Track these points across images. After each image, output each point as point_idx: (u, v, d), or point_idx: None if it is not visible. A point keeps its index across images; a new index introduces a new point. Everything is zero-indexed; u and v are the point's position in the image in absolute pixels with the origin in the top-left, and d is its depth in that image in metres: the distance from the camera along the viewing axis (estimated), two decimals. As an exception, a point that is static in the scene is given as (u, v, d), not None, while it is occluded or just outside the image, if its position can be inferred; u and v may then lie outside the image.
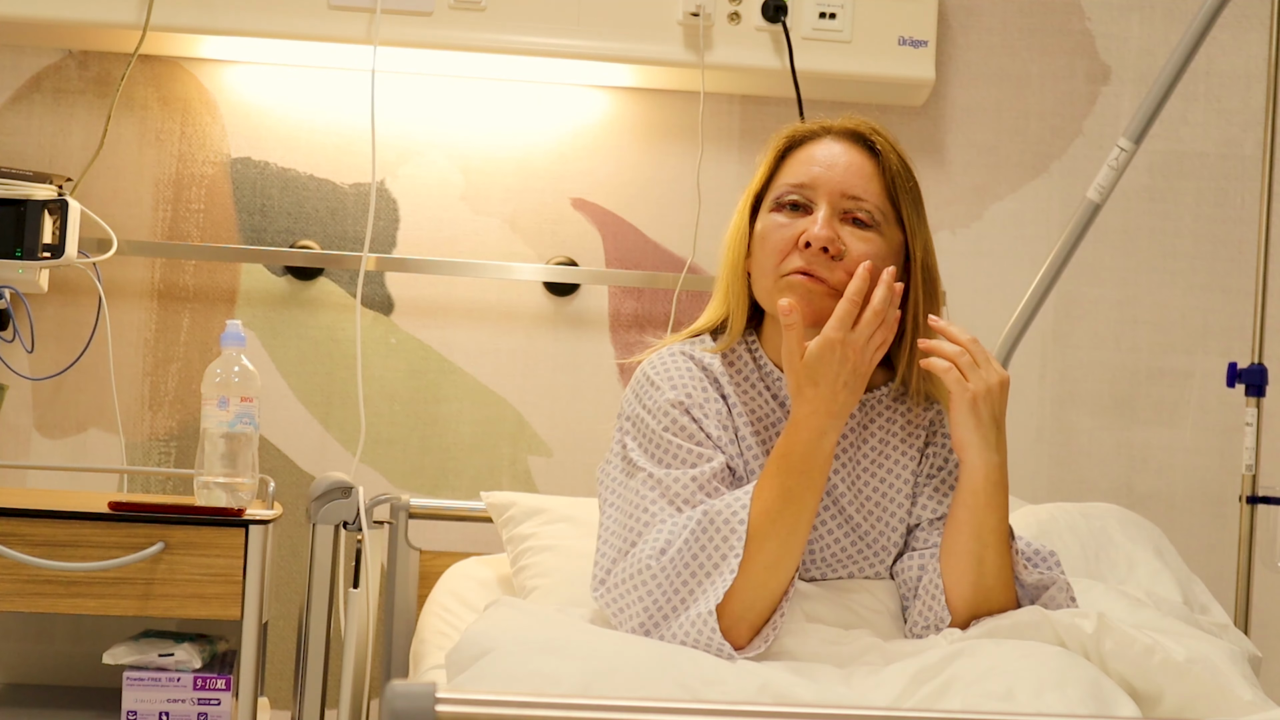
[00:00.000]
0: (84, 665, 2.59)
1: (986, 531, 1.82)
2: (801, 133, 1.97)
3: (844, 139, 1.94)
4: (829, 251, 1.87)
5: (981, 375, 1.82)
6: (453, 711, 1.17)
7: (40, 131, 2.84)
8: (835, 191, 1.90)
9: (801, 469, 1.80)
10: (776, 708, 1.41)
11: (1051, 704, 1.57)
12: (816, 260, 1.88)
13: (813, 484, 1.81)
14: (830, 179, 1.91)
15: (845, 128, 1.95)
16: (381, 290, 2.89)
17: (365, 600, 2.43)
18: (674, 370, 1.94)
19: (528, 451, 2.90)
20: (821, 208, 1.90)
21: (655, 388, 1.92)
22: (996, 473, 1.82)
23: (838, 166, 1.91)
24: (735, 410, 1.94)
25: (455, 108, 2.91)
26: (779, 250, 1.90)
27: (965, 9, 2.98)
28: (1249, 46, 3.02)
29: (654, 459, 1.88)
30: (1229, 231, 3.01)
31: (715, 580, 1.77)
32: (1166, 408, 2.99)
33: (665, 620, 1.78)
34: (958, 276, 2.95)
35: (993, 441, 1.82)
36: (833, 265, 1.88)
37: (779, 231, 1.91)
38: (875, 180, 1.92)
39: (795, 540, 1.80)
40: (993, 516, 1.82)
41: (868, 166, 1.92)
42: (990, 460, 1.82)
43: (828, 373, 1.81)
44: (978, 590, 1.83)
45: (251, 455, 2.39)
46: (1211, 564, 2.91)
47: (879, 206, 1.91)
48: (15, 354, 2.79)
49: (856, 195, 1.90)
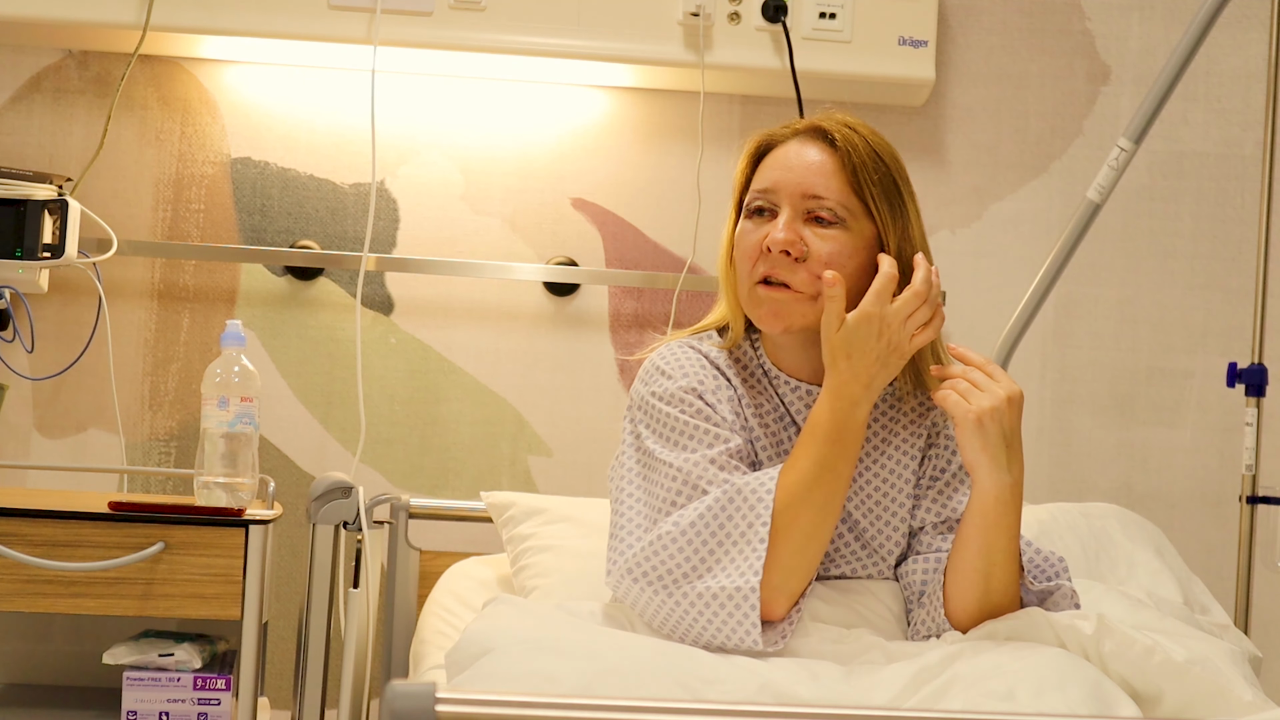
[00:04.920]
0: (84, 665, 2.59)
1: (995, 551, 1.80)
2: (769, 137, 1.96)
3: (807, 139, 1.92)
4: (791, 254, 1.87)
5: (985, 394, 1.78)
6: (452, 711, 1.17)
7: (40, 131, 2.84)
8: (795, 193, 1.89)
9: (835, 437, 1.81)
10: (776, 708, 1.41)
11: (1052, 704, 1.57)
12: (779, 264, 1.88)
13: (846, 453, 1.81)
14: (789, 181, 1.90)
15: (809, 126, 1.93)
16: (381, 290, 2.89)
17: (365, 600, 2.43)
18: (683, 360, 1.94)
19: (528, 451, 2.90)
20: (784, 211, 1.89)
21: (666, 376, 1.92)
22: (1007, 492, 1.79)
23: (796, 168, 1.90)
24: (744, 402, 1.95)
25: (455, 108, 2.91)
26: (748, 257, 1.91)
27: (965, 9, 2.98)
28: (1249, 46, 3.02)
29: (670, 442, 1.87)
30: (1229, 231, 3.01)
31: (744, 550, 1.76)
32: (1166, 408, 2.99)
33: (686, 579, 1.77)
34: (958, 276, 2.95)
35: (1003, 461, 1.78)
36: (795, 267, 1.87)
37: (746, 239, 1.92)
38: (835, 176, 1.89)
39: (831, 510, 1.80)
40: (1002, 536, 1.79)
41: (829, 164, 1.90)
42: (1000, 480, 1.78)
43: (862, 345, 1.81)
44: (983, 606, 1.81)
45: (251, 455, 2.39)
46: (1211, 564, 2.91)
47: (841, 202, 1.89)
48: (15, 354, 2.79)
49: (816, 194, 1.89)
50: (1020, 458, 1.80)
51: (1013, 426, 1.79)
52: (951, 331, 2.93)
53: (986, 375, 1.81)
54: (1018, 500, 1.80)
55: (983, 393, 1.79)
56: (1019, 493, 1.80)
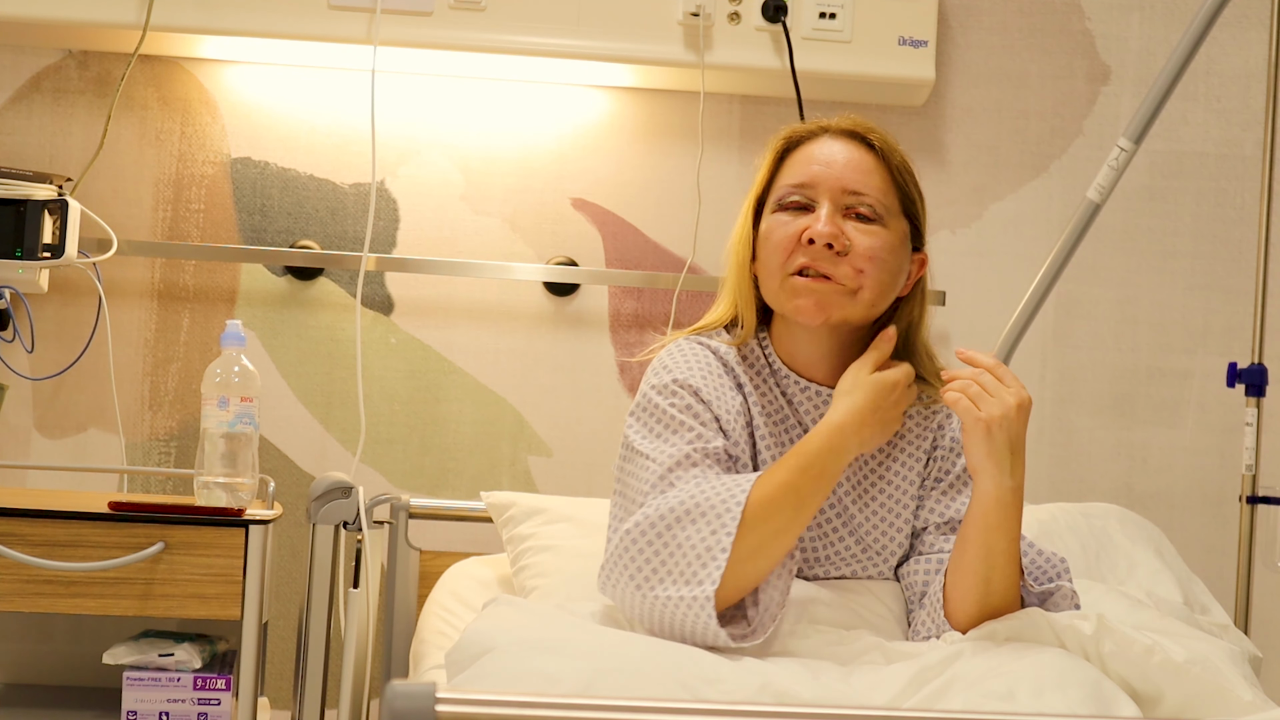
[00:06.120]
0: (84, 665, 2.59)
1: (996, 554, 1.80)
2: (799, 133, 1.98)
3: (841, 137, 1.95)
4: (833, 247, 1.88)
5: (995, 401, 1.77)
6: (453, 711, 1.17)
7: (40, 131, 2.84)
8: (836, 188, 1.91)
9: (812, 472, 1.81)
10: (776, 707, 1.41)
11: (1052, 704, 1.57)
12: (821, 256, 1.88)
13: (817, 490, 1.81)
14: (830, 175, 1.91)
15: (842, 127, 1.96)
16: (381, 290, 2.89)
17: (365, 600, 2.43)
18: (690, 357, 1.95)
19: (528, 451, 2.90)
20: (824, 205, 1.90)
21: (667, 370, 1.93)
22: (1009, 496, 1.79)
23: (837, 163, 1.92)
24: (751, 400, 1.95)
25: (455, 108, 2.91)
26: (783, 248, 1.91)
27: (965, 9, 2.98)
28: (1249, 46, 3.02)
29: (651, 432, 1.87)
30: (1229, 231, 3.01)
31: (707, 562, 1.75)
32: (1166, 408, 2.99)
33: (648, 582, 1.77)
34: (958, 276, 2.95)
35: (1006, 466, 1.78)
36: (838, 260, 1.88)
37: (781, 230, 1.92)
38: (876, 174, 1.92)
39: (790, 534, 1.79)
40: (1003, 539, 1.80)
41: (867, 161, 1.93)
42: (1002, 484, 1.78)
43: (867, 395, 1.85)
44: (983, 609, 1.81)
45: (251, 455, 2.39)
46: (1211, 564, 2.90)
47: (881, 200, 1.92)
48: (15, 354, 2.79)
49: (858, 190, 1.91)
50: (1023, 462, 1.80)
51: (1019, 433, 1.79)
52: (951, 332, 2.93)
53: (997, 379, 1.80)
54: (1019, 503, 1.80)
55: (993, 399, 1.78)
56: (1020, 496, 1.80)
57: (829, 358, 1.95)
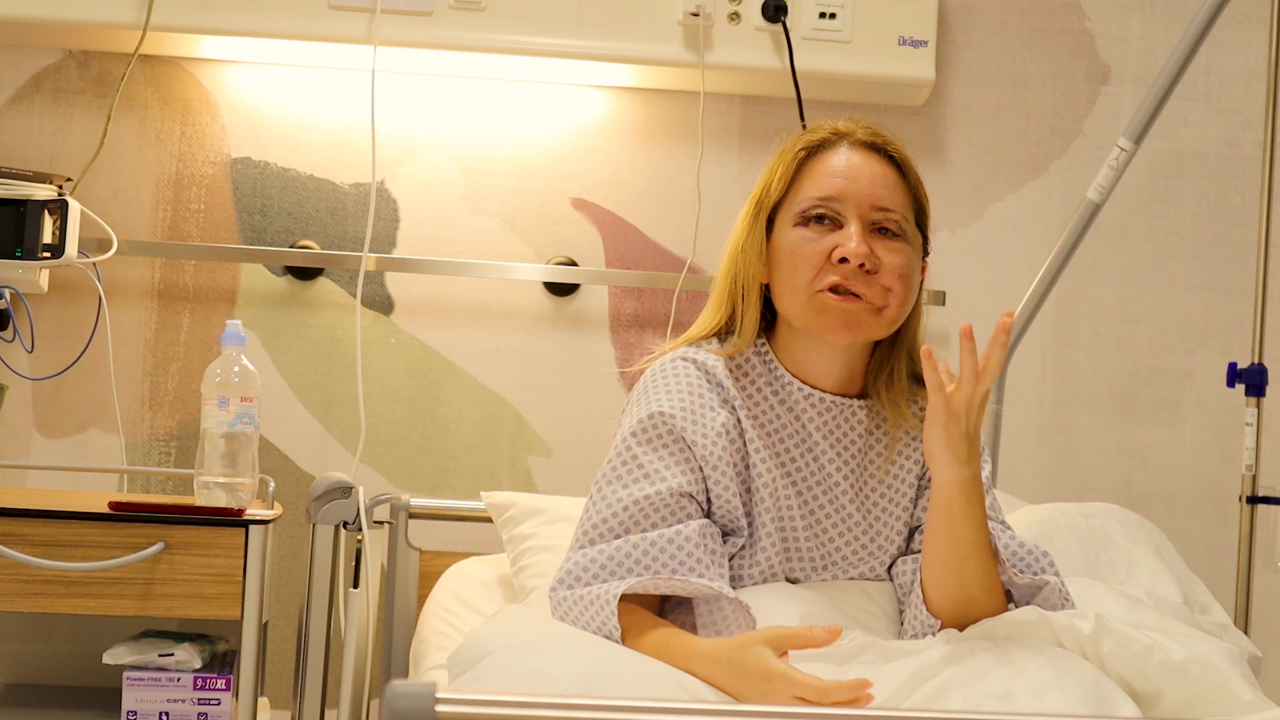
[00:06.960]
0: (84, 665, 2.59)
1: (964, 544, 1.80)
2: (816, 141, 1.95)
3: (861, 149, 1.93)
4: (865, 267, 1.87)
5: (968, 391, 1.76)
6: (453, 712, 1.17)
7: (40, 131, 2.84)
8: (864, 204, 1.89)
9: (688, 667, 1.73)
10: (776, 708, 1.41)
11: (1051, 704, 1.57)
12: (853, 276, 1.87)
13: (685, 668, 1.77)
14: (857, 191, 1.89)
15: (861, 138, 1.94)
16: (381, 290, 2.89)
17: (365, 600, 2.43)
18: (674, 380, 1.93)
19: (528, 451, 2.90)
20: (852, 222, 1.88)
21: (648, 400, 1.92)
22: (970, 483, 1.78)
23: (863, 178, 1.90)
24: (741, 413, 1.93)
25: (455, 108, 2.91)
26: (811, 265, 1.88)
27: (965, 9, 2.98)
28: (1249, 46, 3.02)
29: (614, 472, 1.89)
30: (1229, 231, 3.01)
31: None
32: (1166, 408, 2.99)
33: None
34: (958, 276, 2.95)
35: (963, 455, 1.77)
36: (869, 280, 1.87)
37: (809, 246, 1.89)
38: (898, 189, 1.92)
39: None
40: (970, 528, 1.79)
41: (890, 175, 1.92)
42: (961, 473, 1.78)
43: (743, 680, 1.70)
44: (959, 601, 1.81)
45: (251, 455, 2.39)
46: (1211, 564, 2.90)
47: (904, 215, 1.91)
48: (15, 354, 2.79)
49: (885, 206, 1.90)
50: (977, 453, 1.80)
51: (977, 423, 1.78)
52: (952, 332, 2.93)
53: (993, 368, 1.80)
54: (979, 491, 1.80)
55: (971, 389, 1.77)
56: (979, 485, 1.80)
57: (841, 368, 1.94)
